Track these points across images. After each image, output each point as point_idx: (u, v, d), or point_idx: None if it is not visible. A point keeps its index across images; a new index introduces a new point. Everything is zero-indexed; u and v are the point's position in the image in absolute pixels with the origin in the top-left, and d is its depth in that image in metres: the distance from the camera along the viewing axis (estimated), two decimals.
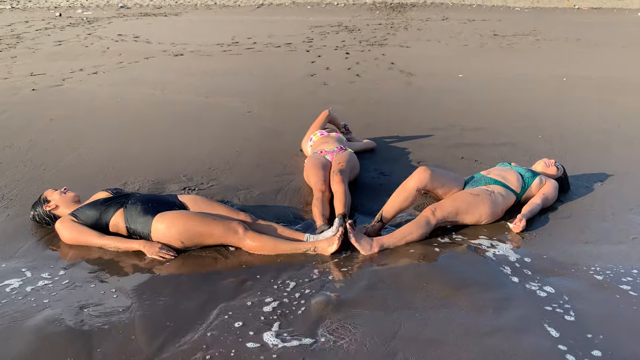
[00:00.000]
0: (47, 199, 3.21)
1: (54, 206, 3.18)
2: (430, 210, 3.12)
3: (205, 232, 2.92)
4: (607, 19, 17.01)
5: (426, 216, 3.10)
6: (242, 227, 2.95)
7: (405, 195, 3.26)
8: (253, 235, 2.95)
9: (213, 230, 2.92)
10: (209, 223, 2.94)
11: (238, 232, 2.93)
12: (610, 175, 4.09)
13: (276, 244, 2.95)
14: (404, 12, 18.72)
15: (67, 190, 3.28)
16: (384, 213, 3.26)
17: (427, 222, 3.08)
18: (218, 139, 4.98)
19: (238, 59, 9.27)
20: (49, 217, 3.19)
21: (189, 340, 2.26)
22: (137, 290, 2.61)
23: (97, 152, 4.61)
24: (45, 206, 3.18)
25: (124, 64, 8.69)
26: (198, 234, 2.92)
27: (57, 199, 3.20)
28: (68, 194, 3.25)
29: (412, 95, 6.76)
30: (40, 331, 2.31)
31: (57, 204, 3.18)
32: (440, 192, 3.37)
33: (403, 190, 3.27)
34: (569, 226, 3.30)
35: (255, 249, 2.94)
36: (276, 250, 2.94)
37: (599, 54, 10.08)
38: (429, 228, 3.10)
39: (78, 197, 3.27)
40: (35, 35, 12.04)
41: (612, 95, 6.72)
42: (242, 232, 2.94)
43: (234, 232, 2.93)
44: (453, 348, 2.21)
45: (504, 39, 12.01)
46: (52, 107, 6.06)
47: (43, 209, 3.19)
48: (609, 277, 2.74)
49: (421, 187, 3.26)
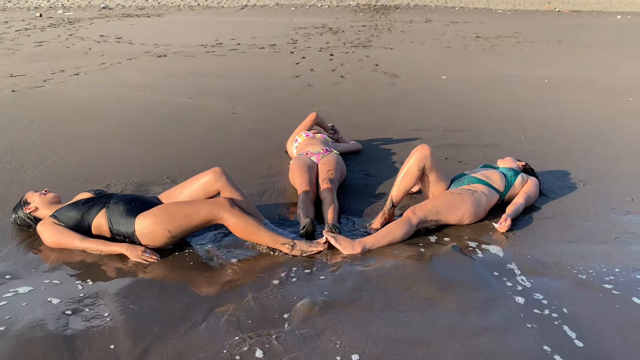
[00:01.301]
0: (27, 202, 3.15)
1: (34, 208, 3.12)
2: (411, 211, 3.15)
3: (191, 212, 2.86)
4: (587, 21, 17.27)
5: (408, 216, 3.12)
6: (228, 202, 2.90)
7: (409, 176, 3.27)
8: (239, 213, 2.89)
9: (199, 207, 2.87)
10: (193, 202, 2.92)
11: (224, 205, 2.87)
12: (593, 176, 4.14)
13: (259, 230, 2.91)
14: (387, 14, 18.79)
15: (48, 192, 3.22)
16: (393, 198, 3.29)
17: (409, 222, 3.10)
18: (202, 141, 4.94)
19: (222, 60, 9.22)
20: (29, 220, 3.13)
21: (174, 344, 2.24)
22: (120, 294, 2.57)
23: (78, 154, 4.54)
24: (25, 208, 3.13)
25: (106, 65, 8.60)
26: (184, 216, 2.86)
27: (37, 201, 3.14)
28: (48, 195, 3.19)
29: (396, 97, 6.78)
30: (22, 336, 2.26)
31: (37, 206, 3.12)
32: (432, 178, 3.35)
33: (407, 172, 3.28)
34: (552, 226, 3.33)
35: (237, 228, 2.88)
36: (257, 235, 2.91)
37: (580, 55, 10.22)
38: (411, 228, 3.11)
39: (58, 198, 3.21)
40: (15, 35, 11.85)
41: (594, 97, 6.81)
42: (228, 206, 2.88)
43: (221, 205, 2.87)
44: (439, 348, 2.21)
45: (487, 41, 12.12)
46: (32, 108, 5.97)
47: (23, 211, 3.13)
48: (592, 276, 2.77)
49: (421, 166, 3.25)
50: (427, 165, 3.26)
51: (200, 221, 2.90)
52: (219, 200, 2.91)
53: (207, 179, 3.08)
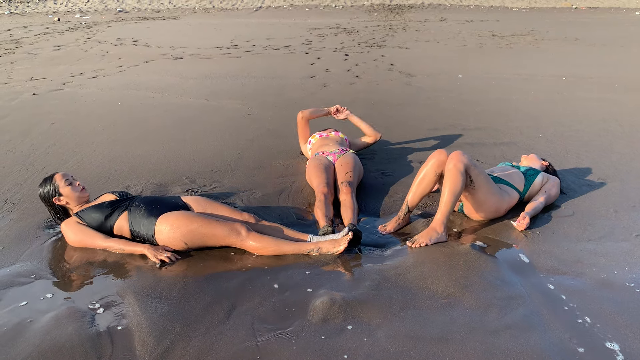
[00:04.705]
0: (59, 191, 3.15)
1: (65, 202, 3.17)
2: None
3: (208, 234, 2.93)
4: (605, 18, 17.05)
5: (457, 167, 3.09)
6: (245, 228, 2.96)
7: (425, 181, 3.26)
8: (255, 236, 2.95)
9: (216, 231, 2.93)
10: (211, 224, 2.94)
11: (241, 234, 2.94)
12: (612, 173, 4.10)
13: (279, 245, 2.95)
14: (402, 13, 18.74)
15: (83, 188, 3.22)
16: (409, 203, 3.30)
17: (459, 172, 3.08)
18: (219, 141, 4.99)
19: (237, 62, 9.28)
20: (55, 206, 3.19)
21: (196, 342, 2.27)
22: (142, 293, 2.61)
23: (99, 156, 4.61)
24: (55, 199, 3.16)
25: (123, 68, 8.70)
26: (201, 234, 2.93)
27: (70, 196, 3.16)
28: (82, 192, 3.20)
29: (412, 96, 6.77)
30: (47, 333, 2.31)
31: (68, 201, 3.17)
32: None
33: (423, 177, 3.27)
34: (572, 224, 3.31)
35: (258, 250, 2.95)
36: (279, 251, 2.95)
37: (598, 53, 10.10)
38: (464, 177, 3.09)
39: (88, 197, 3.25)
40: (35, 40, 12.04)
41: (612, 94, 6.73)
42: (244, 233, 2.94)
43: (237, 234, 2.94)
44: (459, 346, 2.21)
45: (503, 39, 12.03)
46: (52, 111, 6.07)
47: (52, 198, 3.16)
48: (613, 274, 2.74)
49: (439, 171, 3.24)
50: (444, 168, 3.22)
51: (216, 244, 2.98)
52: (235, 229, 2.95)
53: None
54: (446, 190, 3.07)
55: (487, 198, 3.21)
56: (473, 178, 3.13)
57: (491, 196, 3.22)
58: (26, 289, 2.67)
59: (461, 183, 3.06)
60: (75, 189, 3.18)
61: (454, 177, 3.05)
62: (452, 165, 3.08)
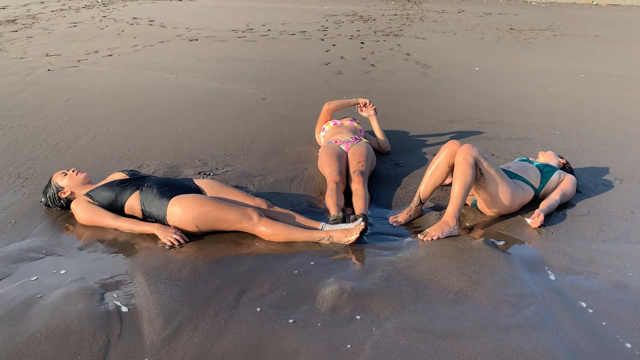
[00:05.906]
0: (59, 186, 3.18)
1: (69, 192, 3.17)
2: None
3: (220, 218, 2.92)
4: (626, 15, 16.75)
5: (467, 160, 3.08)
6: (257, 214, 2.94)
7: (438, 172, 3.23)
8: (267, 222, 2.94)
9: (228, 215, 2.92)
10: (224, 208, 2.93)
11: (252, 219, 2.93)
12: (629, 173, 4.03)
13: (290, 232, 2.94)
14: (419, 3, 18.53)
15: (78, 172, 3.25)
16: (421, 194, 3.26)
17: (469, 165, 3.06)
18: (232, 125, 4.96)
19: (252, 46, 9.22)
20: (63, 201, 3.18)
21: (204, 325, 2.26)
22: (152, 274, 2.61)
23: (112, 134, 4.61)
24: (60, 193, 3.17)
25: (139, 47, 8.68)
26: (213, 218, 2.91)
27: (70, 184, 3.18)
28: (79, 175, 3.22)
29: (427, 87, 6.69)
30: (56, 309, 2.31)
31: (71, 190, 3.17)
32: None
33: (435, 168, 3.23)
34: (587, 223, 3.26)
35: (269, 236, 2.94)
36: (290, 237, 2.93)
37: (618, 50, 9.93)
38: (474, 170, 3.07)
39: (89, 178, 3.25)
40: (51, 16, 12.03)
41: (631, 93, 6.62)
42: (256, 218, 2.93)
43: (249, 219, 2.92)
44: (469, 342, 2.19)
45: (521, 33, 11.86)
46: (67, 87, 6.07)
47: (57, 195, 3.17)
48: (628, 276, 2.70)
49: (452, 162, 3.18)
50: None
51: (227, 228, 2.98)
52: (247, 214, 2.94)
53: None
54: (457, 183, 3.04)
55: (498, 192, 3.16)
56: (483, 171, 3.10)
57: (503, 190, 3.17)
58: (37, 264, 2.68)
59: (471, 176, 3.03)
60: (72, 176, 3.20)
61: (464, 170, 3.02)
62: (461, 158, 3.04)
